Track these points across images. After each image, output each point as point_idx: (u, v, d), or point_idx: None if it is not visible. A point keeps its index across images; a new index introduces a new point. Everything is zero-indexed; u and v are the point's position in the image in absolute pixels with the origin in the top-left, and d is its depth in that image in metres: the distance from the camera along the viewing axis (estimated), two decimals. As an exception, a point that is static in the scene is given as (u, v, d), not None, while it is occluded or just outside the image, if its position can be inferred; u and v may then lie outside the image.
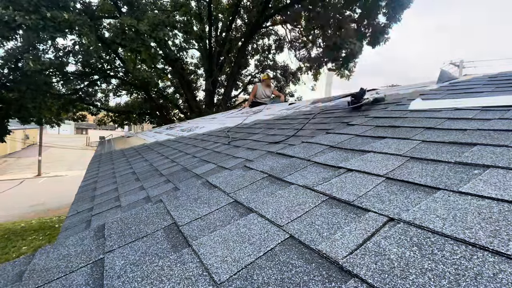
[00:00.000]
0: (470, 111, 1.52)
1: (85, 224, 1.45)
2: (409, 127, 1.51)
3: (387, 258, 0.57)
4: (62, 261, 0.82)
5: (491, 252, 0.52)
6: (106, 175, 2.77)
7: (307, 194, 0.98)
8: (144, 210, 1.10)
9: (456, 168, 0.92)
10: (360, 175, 1.04)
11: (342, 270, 0.57)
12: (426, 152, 1.11)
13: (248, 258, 0.67)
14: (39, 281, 0.73)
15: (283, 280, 0.58)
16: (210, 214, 0.98)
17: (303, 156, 1.44)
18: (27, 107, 8.48)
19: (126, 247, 0.84)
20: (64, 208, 11.05)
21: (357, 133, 1.62)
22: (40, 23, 6.58)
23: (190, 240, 0.81)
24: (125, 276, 0.69)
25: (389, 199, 0.81)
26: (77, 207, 1.85)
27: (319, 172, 1.17)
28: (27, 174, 19.39)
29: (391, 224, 0.69)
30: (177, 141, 3.88)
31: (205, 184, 1.34)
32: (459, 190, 0.76)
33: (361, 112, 2.30)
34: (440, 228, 0.62)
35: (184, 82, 13.34)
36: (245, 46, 13.57)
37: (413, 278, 0.50)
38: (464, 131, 1.25)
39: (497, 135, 1.10)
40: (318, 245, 0.67)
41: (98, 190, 2.19)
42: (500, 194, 0.69)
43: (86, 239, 0.94)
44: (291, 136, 2.04)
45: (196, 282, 0.62)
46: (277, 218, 0.84)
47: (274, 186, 1.13)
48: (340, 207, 0.85)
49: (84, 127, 56.20)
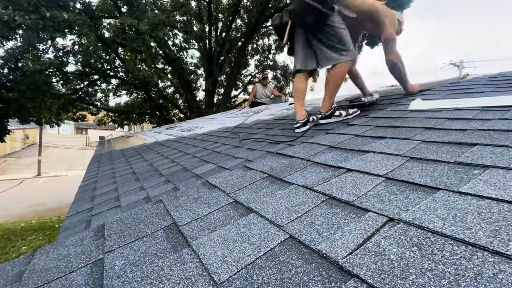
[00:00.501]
0: (470, 111, 1.52)
1: (85, 224, 1.45)
2: (409, 127, 1.51)
3: (387, 258, 0.57)
4: (62, 261, 0.82)
5: (491, 252, 0.52)
6: (106, 175, 2.77)
7: (307, 194, 0.98)
8: (144, 210, 1.10)
9: (456, 168, 0.92)
10: (360, 175, 1.04)
11: (342, 270, 0.57)
12: (426, 152, 1.11)
13: (248, 258, 0.67)
14: (39, 281, 0.73)
15: (283, 280, 0.58)
16: (210, 214, 0.98)
17: (303, 156, 1.44)
18: (27, 107, 8.47)
19: (126, 247, 0.84)
20: (63, 208, 11.05)
21: (357, 133, 1.63)
22: (39, 23, 6.57)
23: (190, 240, 0.81)
24: (125, 276, 0.69)
25: (389, 199, 0.81)
26: (77, 207, 1.85)
27: (319, 172, 1.17)
28: (27, 174, 19.38)
29: (391, 224, 0.69)
30: (177, 141, 3.88)
31: (205, 184, 1.34)
32: (459, 190, 0.76)
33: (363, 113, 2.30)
34: (440, 228, 0.62)
35: (184, 82, 13.33)
36: (245, 46, 13.57)
37: (413, 278, 0.50)
38: (464, 131, 1.25)
39: (497, 135, 1.10)
40: (318, 245, 0.67)
41: (98, 190, 2.19)
42: (500, 194, 0.69)
43: (86, 239, 0.94)
44: (296, 138, 2.00)
45: (196, 282, 0.62)
46: (277, 218, 0.84)
47: (274, 186, 1.13)
48: (340, 207, 0.85)
49: (84, 127, 56.18)
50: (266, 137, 2.38)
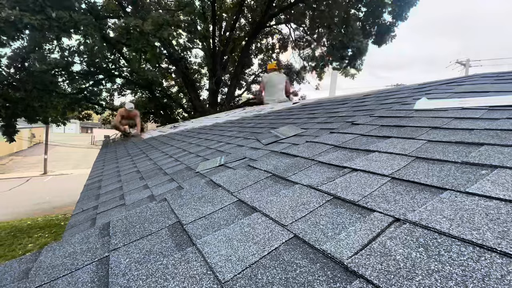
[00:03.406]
0: (477, 111, 1.50)
1: (90, 222, 1.47)
2: (414, 126, 1.49)
3: (393, 258, 0.56)
4: (68, 258, 0.83)
5: (499, 253, 0.51)
6: (110, 173, 2.79)
7: (311, 194, 0.97)
8: (149, 209, 1.11)
9: (463, 168, 0.91)
10: (365, 175, 1.03)
11: (347, 271, 0.57)
12: (432, 152, 1.10)
13: (252, 258, 0.67)
14: (45, 278, 0.74)
15: (288, 280, 0.58)
16: (214, 213, 0.98)
17: (307, 155, 1.43)
18: (33, 106, 8.58)
19: (131, 245, 0.84)
20: (69, 206, 11.17)
21: (362, 133, 1.61)
22: (45, 23, 6.64)
23: (194, 239, 0.81)
24: (130, 274, 0.70)
25: (394, 199, 0.81)
26: (83, 205, 1.87)
27: (324, 172, 1.17)
28: (33, 172, 19.63)
29: (397, 225, 0.68)
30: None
31: (209, 183, 1.34)
32: (466, 191, 0.75)
33: (365, 111, 2.28)
34: (447, 229, 0.61)
35: (188, 81, 13.38)
36: (248, 45, 13.56)
37: (420, 279, 0.50)
38: (471, 130, 1.23)
39: (505, 135, 1.09)
40: (322, 245, 0.66)
41: (103, 188, 2.21)
42: (508, 195, 0.68)
43: (92, 237, 0.95)
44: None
45: (200, 281, 0.63)
46: (281, 217, 0.84)
47: (278, 185, 1.13)
48: (345, 207, 0.84)
49: (89, 126, 56.75)
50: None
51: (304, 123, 2.56)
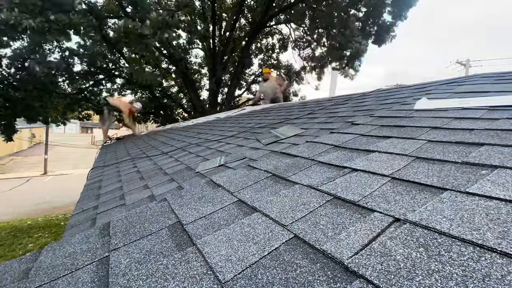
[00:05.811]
0: (477, 111, 1.50)
1: (90, 222, 1.47)
2: (414, 126, 1.49)
3: (393, 259, 0.56)
4: (68, 258, 0.83)
5: (499, 253, 0.51)
6: (110, 173, 2.79)
7: (311, 194, 0.97)
8: (149, 209, 1.11)
9: (463, 168, 0.91)
10: (365, 175, 1.03)
11: (347, 271, 0.57)
12: (432, 152, 1.10)
13: (252, 258, 0.67)
14: (46, 278, 0.74)
15: (288, 280, 0.58)
16: (214, 213, 0.98)
17: (307, 155, 1.43)
18: (33, 106, 8.57)
19: (131, 245, 0.84)
20: (69, 206, 11.17)
21: (362, 133, 1.61)
22: (45, 25, 6.63)
23: (194, 239, 0.81)
24: (130, 274, 0.70)
25: (394, 199, 0.81)
26: (83, 205, 1.87)
27: (324, 172, 1.17)
28: (34, 172, 19.63)
29: (397, 225, 0.68)
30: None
31: (209, 183, 1.34)
32: (467, 191, 0.75)
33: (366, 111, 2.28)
34: (447, 229, 0.61)
35: (188, 81, 13.38)
36: (248, 45, 13.56)
37: (420, 279, 0.50)
38: (471, 130, 1.23)
39: (505, 135, 1.08)
40: (323, 245, 0.66)
41: (103, 188, 2.21)
42: (509, 195, 0.68)
43: (92, 237, 0.95)
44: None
45: (200, 281, 0.63)
46: (281, 217, 0.84)
47: (278, 185, 1.13)
48: (345, 207, 0.84)
49: (89, 126, 56.69)
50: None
51: (304, 123, 2.56)
